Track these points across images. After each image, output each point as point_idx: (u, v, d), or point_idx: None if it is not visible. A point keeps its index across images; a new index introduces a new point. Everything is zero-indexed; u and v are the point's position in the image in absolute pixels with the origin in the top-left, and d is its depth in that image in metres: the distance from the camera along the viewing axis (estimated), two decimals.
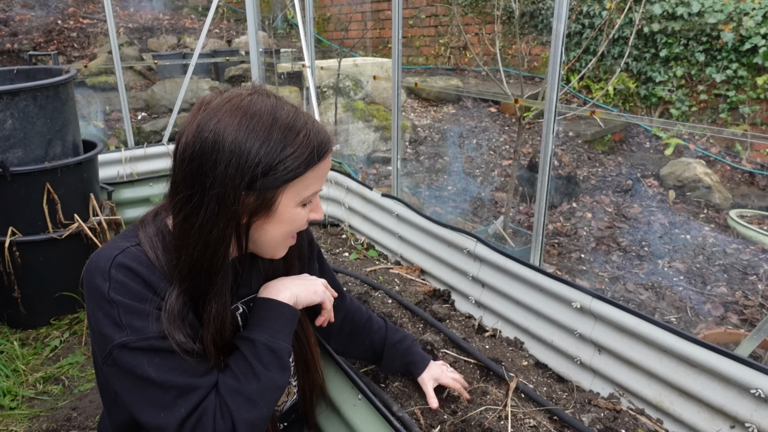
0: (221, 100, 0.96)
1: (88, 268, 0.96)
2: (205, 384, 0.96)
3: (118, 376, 0.93)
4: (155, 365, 0.91)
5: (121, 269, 0.93)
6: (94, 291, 0.93)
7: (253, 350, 1.01)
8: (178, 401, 0.92)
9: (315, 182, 1.01)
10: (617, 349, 1.68)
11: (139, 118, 5.73)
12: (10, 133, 2.23)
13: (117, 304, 0.91)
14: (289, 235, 1.05)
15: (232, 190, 0.92)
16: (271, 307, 1.07)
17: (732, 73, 5.19)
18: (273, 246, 1.06)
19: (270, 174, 0.94)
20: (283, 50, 7.28)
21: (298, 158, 0.96)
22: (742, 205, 4.50)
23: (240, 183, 0.92)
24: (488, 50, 6.92)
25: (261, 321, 1.05)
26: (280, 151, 0.94)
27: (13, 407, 1.98)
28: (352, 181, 3.03)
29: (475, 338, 2.02)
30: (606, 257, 3.60)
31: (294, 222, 1.02)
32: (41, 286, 2.42)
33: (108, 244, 1.01)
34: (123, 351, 0.90)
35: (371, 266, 2.59)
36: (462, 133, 5.73)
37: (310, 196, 1.01)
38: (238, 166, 0.92)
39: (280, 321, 1.06)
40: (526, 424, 1.55)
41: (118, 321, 0.90)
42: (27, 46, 6.98)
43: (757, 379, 1.37)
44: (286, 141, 0.95)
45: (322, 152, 0.99)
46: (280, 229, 1.02)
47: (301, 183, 0.98)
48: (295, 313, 1.09)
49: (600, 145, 5.57)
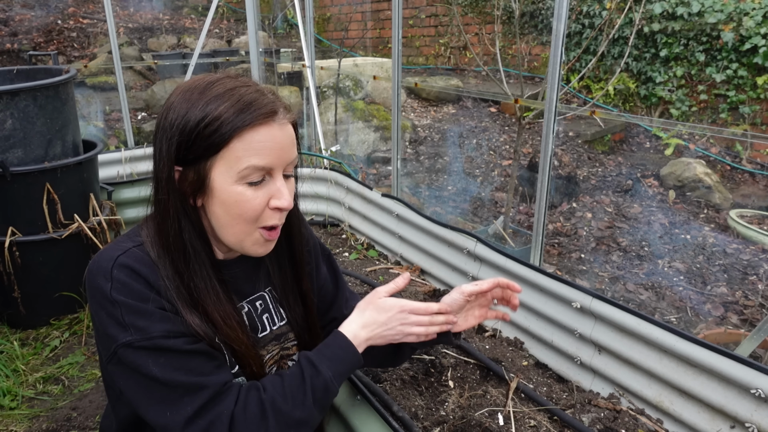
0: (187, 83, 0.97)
1: (91, 268, 0.96)
2: (213, 383, 0.94)
3: (123, 375, 0.92)
4: (160, 365, 0.90)
5: (123, 269, 0.93)
6: (97, 291, 0.93)
7: (314, 381, 0.98)
8: (185, 399, 0.91)
9: (248, 155, 0.91)
10: (617, 349, 1.68)
11: (139, 118, 5.73)
12: (10, 133, 2.23)
13: (119, 304, 0.91)
14: (243, 222, 0.96)
15: (166, 165, 0.93)
16: (348, 352, 1.03)
17: (732, 73, 5.19)
18: (232, 234, 0.98)
19: (194, 143, 0.91)
20: (283, 50, 7.28)
21: (222, 124, 0.89)
22: (742, 205, 4.50)
23: (168, 156, 0.92)
24: (488, 50, 6.92)
25: (335, 356, 1.02)
26: (201, 118, 0.90)
27: (13, 407, 1.98)
28: (352, 181, 3.03)
29: (475, 338, 2.02)
30: (606, 257, 3.60)
31: (239, 204, 0.93)
32: (41, 286, 2.42)
33: (110, 244, 1.00)
34: (128, 350, 0.90)
35: (371, 266, 2.59)
36: (462, 133, 5.73)
37: (251, 173, 0.92)
38: (168, 139, 0.92)
39: (347, 367, 1.03)
40: (526, 424, 1.55)
41: (121, 321, 0.90)
42: (27, 46, 6.98)
43: (757, 379, 1.37)
44: (210, 107, 0.90)
45: (250, 118, 0.90)
46: (227, 212, 0.95)
47: (229, 154, 0.91)
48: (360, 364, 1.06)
49: (600, 145, 5.57)
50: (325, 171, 3.15)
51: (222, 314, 0.99)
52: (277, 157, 0.94)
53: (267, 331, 1.15)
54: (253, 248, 1.00)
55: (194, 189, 0.95)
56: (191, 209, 0.97)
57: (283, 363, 1.18)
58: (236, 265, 1.11)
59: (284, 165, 0.97)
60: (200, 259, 0.98)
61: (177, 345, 0.92)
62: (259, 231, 0.98)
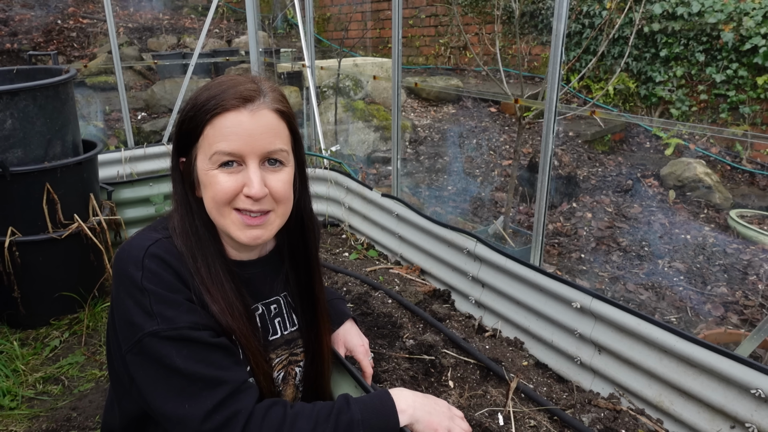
0: None
1: (120, 256, 0.96)
2: (233, 379, 0.94)
3: (143, 365, 0.92)
4: (183, 356, 0.91)
5: (154, 259, 0.94)
6: (126, 279, 0.93)
7: (342, 416, 0.98)
8: (204, 392, 0.91)
9: (217, 140, 0.95)
10: (617, 349, 1.68)
11: (139, 118, 5.73)
12: (9, 133, 2.23)
13: (149, 293, 0.91)
14: (219, 204, 0.99)
15: (173, 156, 1.03)
16: (387, 411, 1.03)
17: (732, 73, 5.18)
18: (217, 219, 1.02)
19: (184, 131, 1.01)
20: (283, 50, 7.28)
21: (198, 112, 0.97)
22: (743, 205, 4.50)
23: (174, 147, 1.02)
24: (488, 50, 6.92)
25: (371, 405, 1.02)
26: (189, 108, 0.99)
27: (12, 407, 1.98)
28: (352, 181, 3.02)
29: (475, 338, 2.02)
30: (606, 257, 3.59)
31: (212, 187, 0.98)
32: (41, 286, 2.42)
33: (139, 234, 1.02)
34: (153, 339, 0.90)
35: (371, 266, 2.59)
36: (462, 133, 5.72)
37: (218, 158, 0.96)
38: (175, 132, 1.03)
39: (381, 421, 1.02)
40: (526, 424, 1.54)
41: (150, 309, 0.91)
42: (27, 46, 6.98)
43: (757, 379, 1.37)
44: (194, 98, 0.99)
45: (219, 104, 0.95)
46: (207, 196, 1.00)
47: (204, 141, 0.98)
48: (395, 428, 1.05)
49: (600, 145, 5.57)
50: (325, 171, 3.15)
51: (226, 303, 1.00)
52: (245, 143, 0.96)
53: (278, 335, 1.15)
54: (236, 233, 1.01)
55: (190, 178, 1.03)
56: (194, 199, 1.03)
57: (291, 369, 1.18)
58: (254, 266, 1.12)
59: (258, 153, 0.97)
60: (205, 245, 1.02)
61: (202, 337, 0.92)
62: (235, 213, 1.00)
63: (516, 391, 1.68)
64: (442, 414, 1.09)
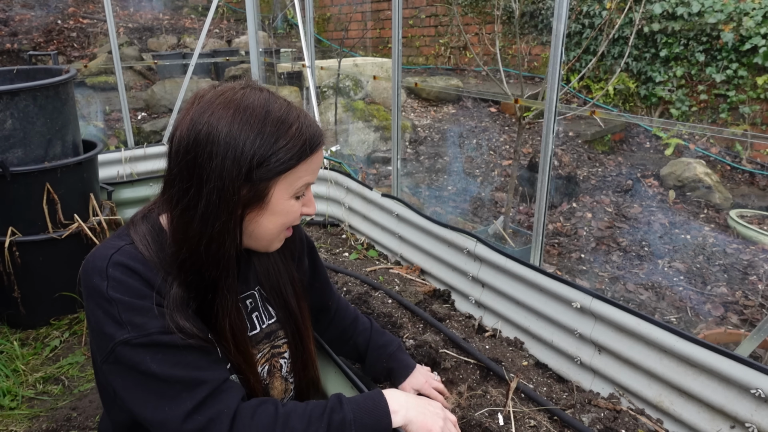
0: (214, 93, 0.98)
1: (85, 268, 0.96)
2: (212, 378, 0.94)
3: (120, 373, 0.92)
4: (158, 361, 0.90)
5: (118, 267, 0.93)
6: (93, 290, 0.93)
7: (334, 415, 0.99)
8: (183, 394, 0.91)
9: (307, 175, 1.02)
10: (617, 349, 1.68)
11: (139, 118, 5.73)
12: (10, 133, 2.23)
13: (116, 302, 0.91)
14: (283, 228, 1.06)
15: (230, 183, 0.94)
16: (380, 412, 1.03)
17: (732, 73, 5.19)
18: (268, 239, 1.06)
19: (263, 166, 0.96)
20: (283, 50, 7.28)
21: (291, 150, 0.97)
22: (742, 205, 4.50)
23: (237, 175, 0.94)
24: (488, 50, 6.92)
25: (363, 405, 1.03)
26: (273, 143, 0.96)
27: (13, 407, 1.98)
28: (352, 181, 3.02)
29: (475, 338, 2.02)
30: (606, 257, 3.60)
31: (287, 215, 1.03)
32: (41, 286, 2.42)
33: (102, 243, 1.01)
34: (125, 348, 0.90)
35: (371, 266, 2.59)
36: (462, 133, 5.72)
37: (302, 189, 1.03)
38: (234, 158, 0.93)
39: (372, 421, 1.02)
40: (526, 424, 1.55)
41: (119, 318, 0.90)
42: (27, 46, 6.98)
43: (757, 379, 1.37)
44: (279, 133, 0.97)
45: (314, 145, 1.01)
46: (274, 222, 1.02)
47: (293, 175, 0.99)
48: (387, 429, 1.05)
49: (600, 145, 5.57)
50: (325, 171, 3.15)
51: (236, 328, 1.04)
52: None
53: (257, 329, 1.16)
54: (275, 245, 1.09)
55: (246, 203, 0.98)
56: (237, 219, 0.99)
57: (275, 361, 1.18)
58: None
59: None
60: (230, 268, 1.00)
61: (174, 340, 0.92)
62: (285, 232, 1.08)
63: (516, 391, 1.68)
64: (435, 415, 1.10)
